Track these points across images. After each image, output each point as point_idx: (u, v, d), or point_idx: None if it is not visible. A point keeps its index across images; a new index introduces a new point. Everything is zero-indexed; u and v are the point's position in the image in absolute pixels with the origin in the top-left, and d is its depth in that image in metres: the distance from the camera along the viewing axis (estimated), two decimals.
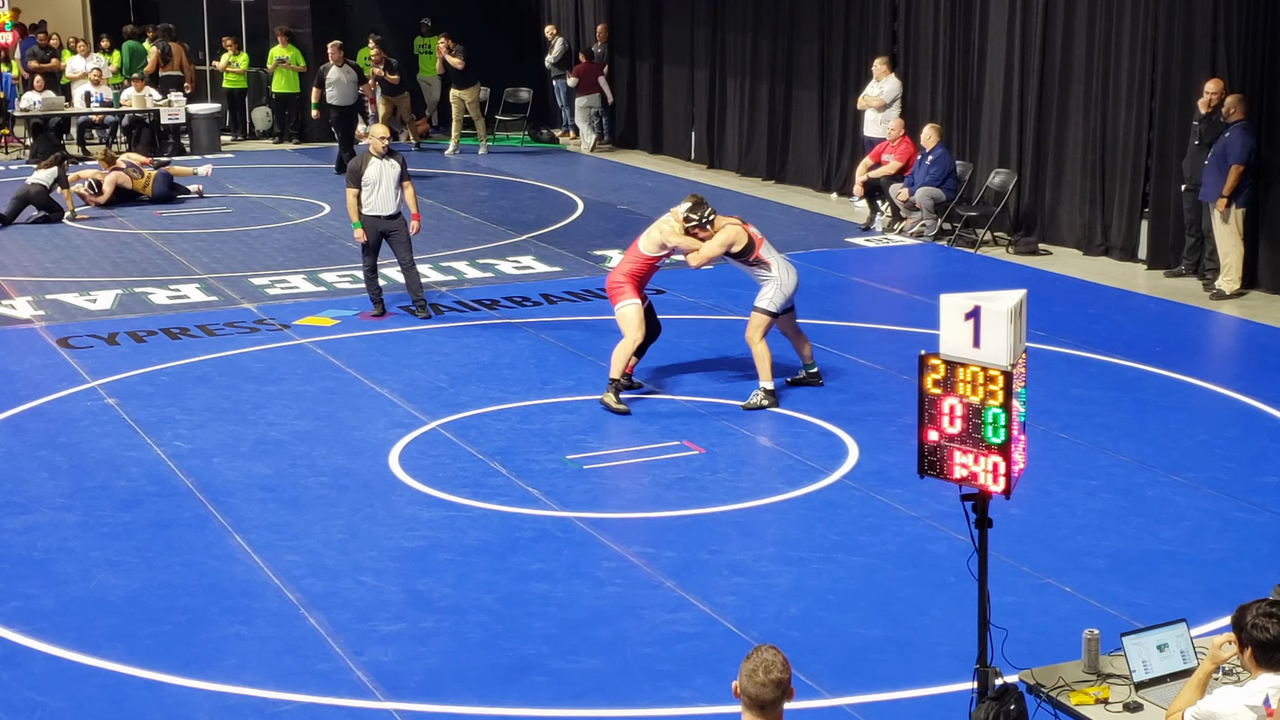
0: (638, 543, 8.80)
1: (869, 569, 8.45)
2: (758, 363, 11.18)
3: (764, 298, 11.20)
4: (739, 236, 11.18)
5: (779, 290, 11.17)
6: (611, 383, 11.09)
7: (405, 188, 13.62)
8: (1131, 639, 5.77)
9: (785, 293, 11.20)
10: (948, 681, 7.03)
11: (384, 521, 9.17)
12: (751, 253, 11.20)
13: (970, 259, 16.17)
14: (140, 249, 16.90)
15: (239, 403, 11.41)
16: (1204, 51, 14.82)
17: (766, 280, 11.21)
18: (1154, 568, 8.39)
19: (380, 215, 13.50)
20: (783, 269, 11.23)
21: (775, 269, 11.20)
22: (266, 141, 25.19)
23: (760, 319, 11.19)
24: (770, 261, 11.22)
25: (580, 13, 25.15)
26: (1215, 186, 14.07)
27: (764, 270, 11.22)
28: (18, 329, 13.54)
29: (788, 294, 11.23)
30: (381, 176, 13.47)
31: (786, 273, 11.24)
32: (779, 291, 11.17)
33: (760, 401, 11.06)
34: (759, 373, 11.16)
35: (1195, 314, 13.90)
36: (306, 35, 24.55)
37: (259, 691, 7.11)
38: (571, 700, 7.05)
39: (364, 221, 13.55)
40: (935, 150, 16.85)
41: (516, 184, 21.00)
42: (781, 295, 11.19)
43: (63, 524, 9.16)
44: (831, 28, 19.74)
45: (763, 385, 11.12)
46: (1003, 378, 5.51)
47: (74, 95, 24.10)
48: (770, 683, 4.58)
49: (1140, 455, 10.11)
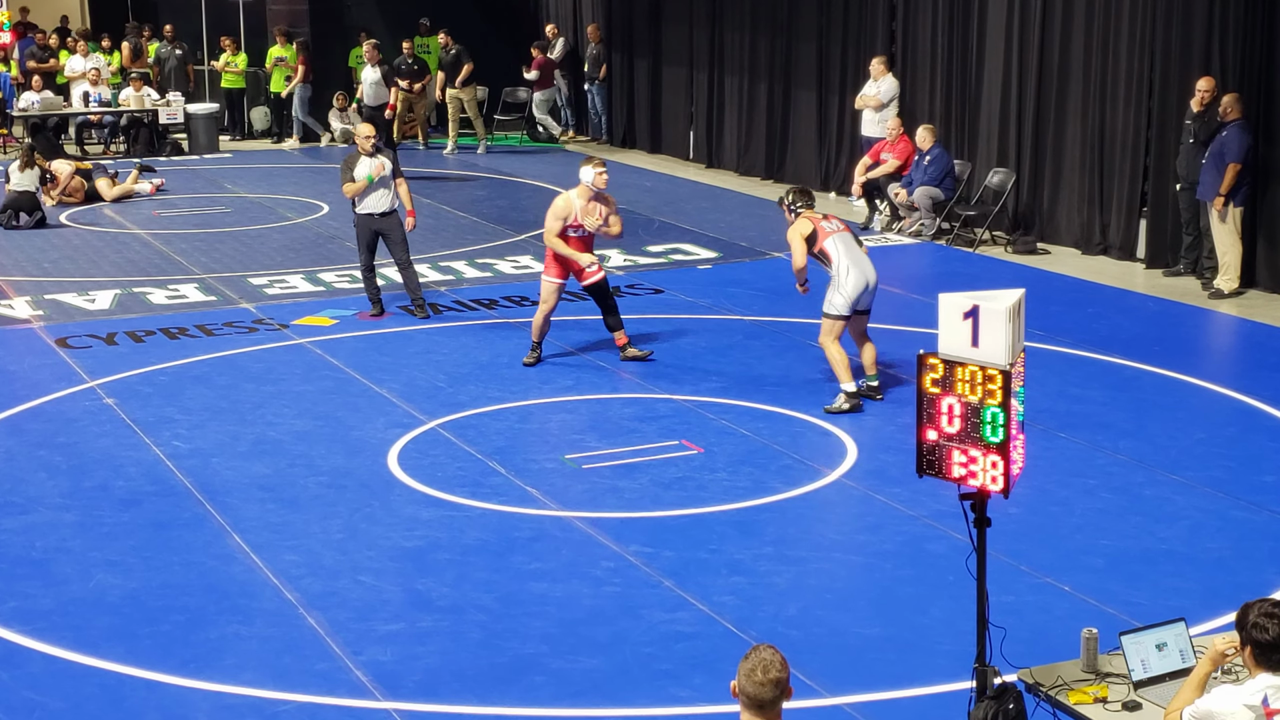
0: (636, 542, 8.80)
1: (868, 568, 8.46)
2: (833, 367, 10.90)
3: (826, 301, 10.90)
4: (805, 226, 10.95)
5: (837, 292, 10.82)
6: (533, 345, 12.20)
7: (399, 184, 13.61)
8: (1130, 638, 5.77)
9: (848, 295, 10.78)
10: (946, 681, 7.03)
11: (382, 521, 9.17)
12: (815, 244, 10.94)
13: (969, 258, 16.18)
14: (139, 249, 16.90)
15: (238, 402, 11.41)
16: (1201, 50, 14.83)
17: (830, 281, 10.91)
18: (1152, 566, 8.40)
19: (374, 213, 13.49)
20: (850, 269, 10.79)
21: (836, 268, 10.83)
22: (265, 141, 25.19)
23: (827, 323, 10.87)
24: (833, 258, 10.85)
25: (579, 13, 25.15)
26: (1213, 185, 14.07)
27: (827, 267, 10.92)
28: (16, 329, 13.54)
29: (851, 297, 10.79)
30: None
31: (846, 271, 10.79)
32: (837, 293, 10.82)
33: (842, 405, 10.79)
34: (839, 375, 10.87)
35: (1194, 313, 13.90)
36: (305, 35, 24.54)
37: (258, 691, 7.11)
38: (570, 700, 7.05)
39: (360, 221, 13.55)
40: (934, 150, 16.85)
41: (515, 183, 21.00)
42: (841, 297, 10.80)
43: (61, 524, 9.16)
44: (830, 27, 19.74)
45: (843, 388, 10.82)
46: (1001, 377, 5.51)
47: (72, 95, 24.10)
48: (769, 682, 4.58)
49: (1139, 454, 10.12)
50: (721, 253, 16.39)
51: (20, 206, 18.00)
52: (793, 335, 13.05)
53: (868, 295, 10.96)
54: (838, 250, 10.92)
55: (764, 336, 13.08)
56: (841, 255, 10.90)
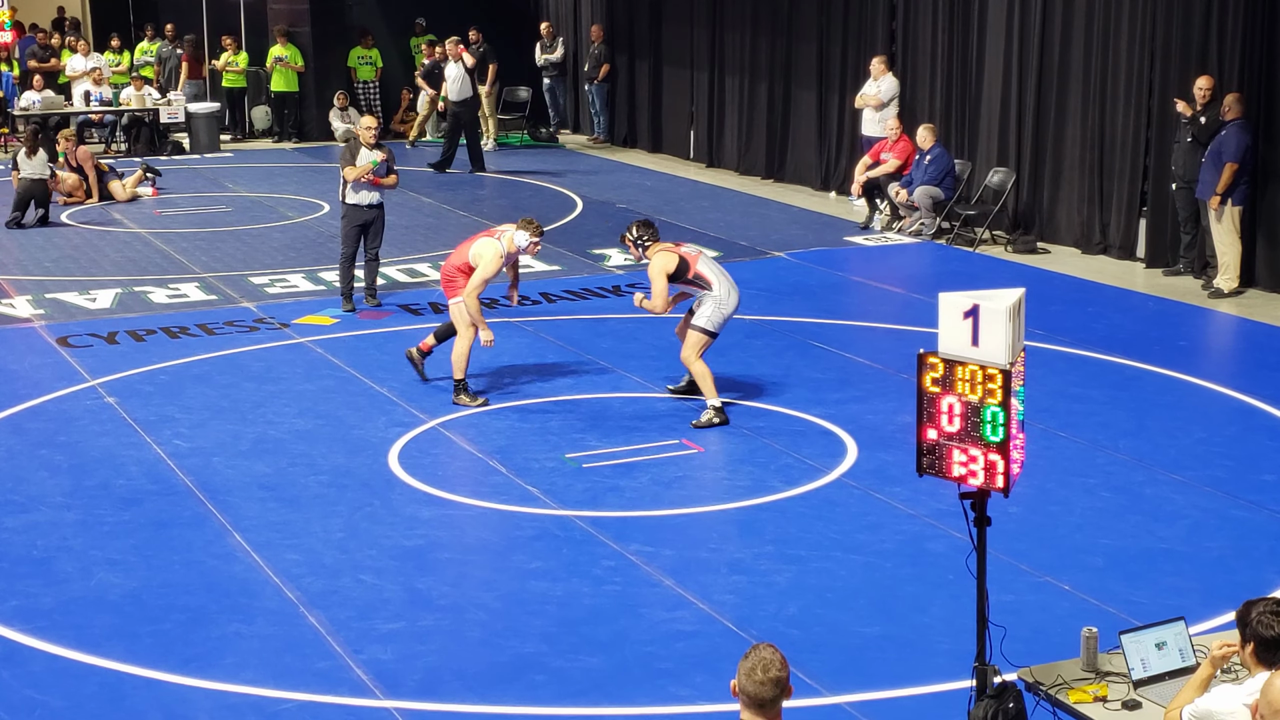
0: (637, 541, 8.81)
1: (868, 567, 8.46)
2: (699, 382, 10.88)
3: (703, 316, 10.88)
4: (669, 260, 10.91)
5: (718, 309, 10.88)
6: (457, 384, 11.21)
7: (391, 179, 13.79)
8: (1130, 637, 5.78)
9: (725, 314, 10.90)
10: (946, 679, 7.04)
11: (383, 520, 9.18)
12: (688, 271, 10.93)
13: (969, 258, 16.18)
14: (140, 248, 16.90)
15: (238, 401, 11.42)
16: (1201, 50, 14.83)
17: (706, 298, 10.91)
18: (1152, 566, 8.41)
19: (362, 205, 13.70)
20: (725, 287, 10.91)
21: (717, 287, 10.89)
22: (266, 140, 25.19)
23: (698, 338, 10.88)
24: (711, 279, 10.92)
25: (579, 13, 25.16)
26: (1212, 185, 14.08)
27: (704, 289, 10.94)
28: (17, 328, 13.54)
29: (728, 315, 10.93)
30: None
31: (728, 292, 10.91)
32: (718, 310, 10.88)
33: (714, 419, 10.75)
34: (704, 391, 10.85)
35: (1193, 312, 13.91)
36: (305, 34, 24.55)
37: (259, 690, 7.12)
38: (571, 699, 7.06)
39: (349, 212, 13.72)
40: (934, 149, 16.86)
41: (515, 183, 21.00)
42: (720, 315, 10.89)
43: (62, 523, 9.16)
44: (830, 27, 19.75)
45: (711, 403, 10.79)
46: (1001, 376, 5.52)
47: (74, 94, 24.10)
48: (769, 681, 4.58)
49: (1138, 453, 10.12)
50: (722, 252, 16.37)
51: (33, 196, 17.93)
52: (793, 335, 13.06)
53: (735, 314, 11.11)
54: (714, 272, 10.97)
55: (764, 336, 13.09)
56: (720, 276, 10.96)
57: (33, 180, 17.97)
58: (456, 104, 21.56)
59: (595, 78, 24.15)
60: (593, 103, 24.52)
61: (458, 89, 21.44)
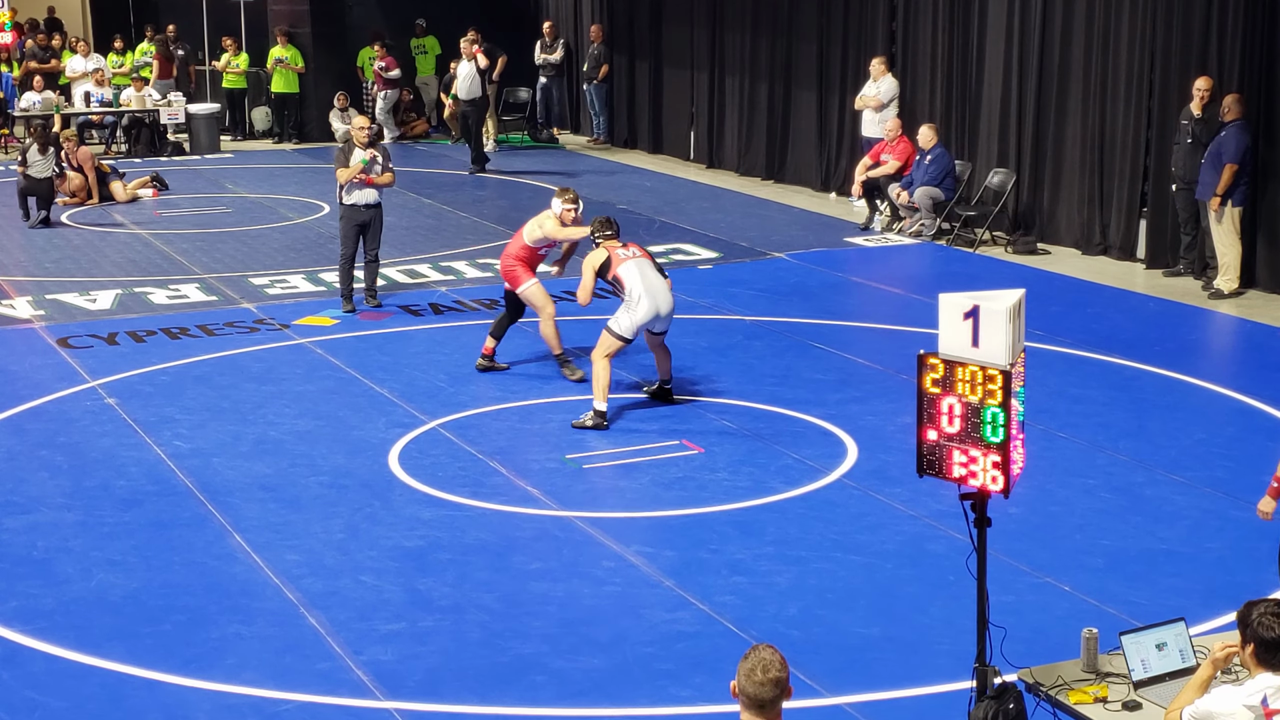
0: (637, 542, 8.81)
1: (868, 568, 8.46)
2: (593, 381, 10.82)
3: (613, 319, 10.86)
4: (598, 257, 11.02)
5: (627, 314, 10.80)
6: (559, 358, 11.86)
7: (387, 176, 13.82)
8: (1130, 638, 5.78)
9: (636, 321, 10.78)
10: (947, 680, 7.04)
11: (384, 521, 9.18)
12: (609, 270, 10.94)
13: (969, 258, 16.18)
14: (140, 249, 16.91)
15: (239, 402, 11.42)
16: (1201, 51, 14.83)
17: (624, 302, 10.90)
18: (1152, 566, 8.41)
19: (359, 205, 13.71)
20: (642, 297, 10.77)
21: (631, 293, 10.81)
22: (266, 141, 25.19)
23: (608, 340, 10.82)
24: (627, 284, 10.84)
25: (579, 13, 25.16)
26: (1212, 186, 14.08)
27: (620, 292, 10.93)
28: (18, 329, 13.55)
29: (639, 323, 10.79)
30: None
31: (641, 299, 10.77)
32: (627, 315, 10.80)
33: (588, 422, 10.70)
34: (594, 392, 10.80)
35: (1193, 313, 13.91)
36: (306, 35, 24.55)
37: (259, 691, 7.12)
38: (571, 699, 7.06)
39: (346, 212, 13.75)
40: (934, 150, 16.86)
41: (516, 184, 21.00)
42: (630, 322, 10.78)
43: (63, 523, 9.16)
44: (830, 27, 19.75)
45: (595, 406, 10.74)
46: (1001, 377, 5.52)
47: (74, 95, 24.10)
48: (768, 682, 4.58)
49: (1138, 454, 10.12)
50: (722, 253, 16.40)
51: (38, 193, 17.91)
52: (793, 335, 13.06)
53: (660, 322, 10.95)
54: (632, 276, 10.89)
55: (764, 336, 13.09)
56: (636, 282, 10.87)
57: (38, 179, 17.94)
58: (466, 103, 21.76)
59: (595, 78, 24.15)
60: (592, 103, 24.52)
61: (467, 88, 21.66)
